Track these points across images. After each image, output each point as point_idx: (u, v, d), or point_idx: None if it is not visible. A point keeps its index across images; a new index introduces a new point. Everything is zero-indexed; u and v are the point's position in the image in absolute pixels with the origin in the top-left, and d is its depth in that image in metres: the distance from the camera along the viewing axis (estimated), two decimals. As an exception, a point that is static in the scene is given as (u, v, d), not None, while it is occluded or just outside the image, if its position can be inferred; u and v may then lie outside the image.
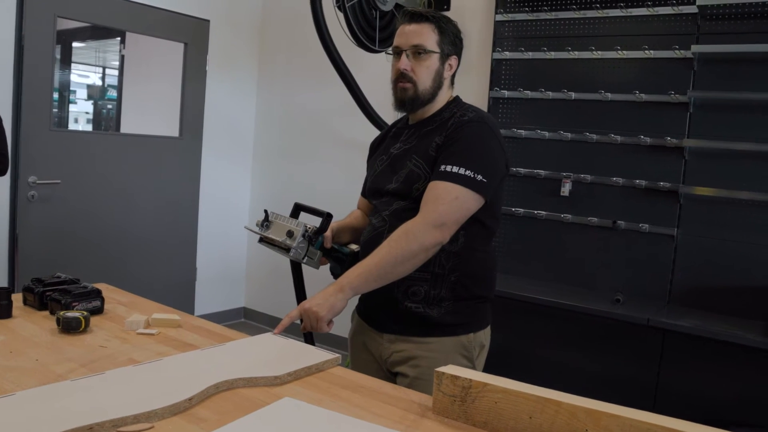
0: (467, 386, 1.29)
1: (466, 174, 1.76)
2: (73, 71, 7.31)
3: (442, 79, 1.94)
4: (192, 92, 4.97)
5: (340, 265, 2.09)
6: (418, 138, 1.94)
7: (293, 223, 2.01)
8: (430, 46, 1.89)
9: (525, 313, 3.65)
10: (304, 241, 1.98)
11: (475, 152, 1.81)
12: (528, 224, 3.88)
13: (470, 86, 4.14)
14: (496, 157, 1.85)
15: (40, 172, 4.10)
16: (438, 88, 1.95)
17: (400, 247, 1.75)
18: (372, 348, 2.02)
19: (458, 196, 1.76)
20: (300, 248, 1.97)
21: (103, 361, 1.52)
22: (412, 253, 1.75)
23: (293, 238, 1.97)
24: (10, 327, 1.75)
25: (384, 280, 1.79)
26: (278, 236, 2.01)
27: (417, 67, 1.90)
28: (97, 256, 4.46)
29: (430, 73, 1.91)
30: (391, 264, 1.75)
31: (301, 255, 2.00)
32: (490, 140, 1.86)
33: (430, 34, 1.90)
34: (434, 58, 1.91)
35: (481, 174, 1.77)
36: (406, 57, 1.91)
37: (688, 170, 3.41)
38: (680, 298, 3.43)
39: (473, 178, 1.76)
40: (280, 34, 5.35)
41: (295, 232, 1.97)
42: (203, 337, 1.78)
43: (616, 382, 3.47)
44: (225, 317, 5.43)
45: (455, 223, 1.78)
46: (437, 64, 1.92)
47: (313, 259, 2.05)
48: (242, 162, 5.51)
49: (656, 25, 3.46)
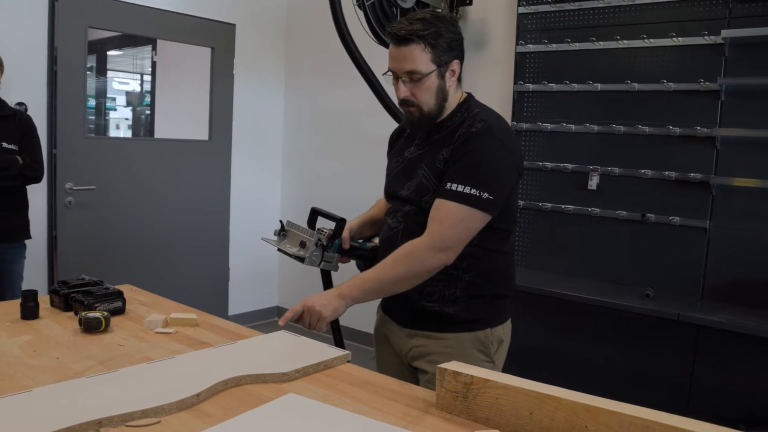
0: (469, 382, 1.29)
1: (471, 193, 1.73)
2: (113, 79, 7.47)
3: (445, 91, 1.86)
4: (220, 96, 5.03)
5: (365, 261, 2.12)
6: (429, 145, 1.91)
7: (307, 233, 2.05)
8: (424, 68, 1.80)
9: (553, 309, 3.61)
10: (317, 250, 2.02)
11: (481, 169, 1.77)
12: (556, 219, 3.84)
13: (494, 81, 4.11)
14: (503, 171, 1.82)
15: (76, 179, 4.20)
16: (444, 101, 1.87)
17: (404, 268, 1.77)
18: (393, 342, 2.05)
19: (464, 217, 1.75)
20: (314, 257, 2.03)
21: (119, 359, 1.56)
22: (416, 275, 1.78)
23: (306, 248, 2.02)
24: (36, 327, 1.81)
25: (384, 294, 1.87)
26: (292, 247, 2.07)
27: (416, 91, 1.83)
28: (132, 259, 4.55)
29: (432, 92, 1.84)
30: (392, 282, 1.79)
31: (316, 263, 2.05)
32: (497, 153, 1.81)
33: (421, 54, 1.79)
34: (432, 77, 1.82)
35: (487, 192, 1.74)
36: (403, 83, 1.84)
37: (720, 160, 3.31)
38: (714, 292, 3.34)
39: (479, 196, 1.74)
40: (305, 35, 5.39)
41: (307, 243, 2.02)
42: (219, 335, 1.81)
43: (647, 380, 3.40)
44: (258, 317, 5.49)
45: (461, 245, 1.78)
46: (437, 81, 1.83)
47: (330, 263, 2.09)
48: (272, 162, 5.56)
49: (684, 11, 3.37)
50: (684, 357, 3.32)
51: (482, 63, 4.24)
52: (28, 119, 3.52)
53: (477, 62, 4.27)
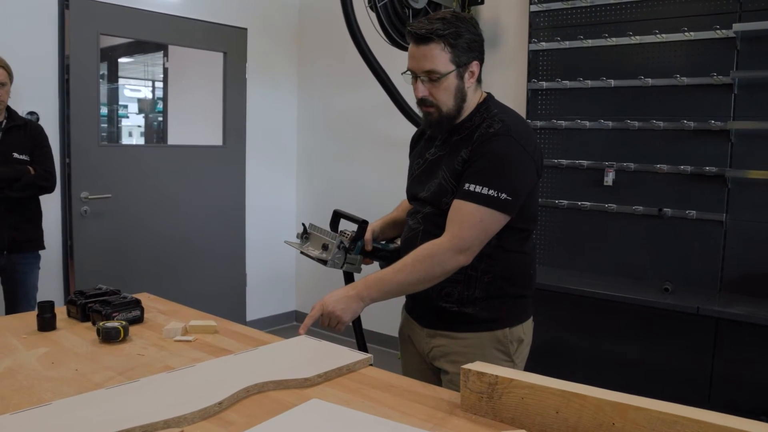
0: (494, 382, 1.28)
1: (489, 194, 1.72)
2: (124, 86, 7.51)
3: (464, 92, 1.85)
4: (233, 100, 5.04)
5: (387, 262, 2.11)
6: (449, 146, 1.91)
7: (330, 235, 2.04)
8: (443, 68, 1.79)
9: (571, 306, 3.59)
10: (340, 252, 2.02)
11: (499, 170, 1.76)
12: (572, 216, 3.82)
13: (508, 79, 4.10)
14: (522, 171, 1.80)
15: (91, 188, 4.21)
16: (463, 101, 1.86)
17: (422, 269, 1.76)
18: (415, 342, 2.05)
19: (482, 218, 1.74)
20: (336, 259, 2.02)
21: (139, 368, 1.56)
22: (435, 276, 1.78)
23: (329, 250, 2.01)
24: (54, 339, 1.81)
25: (401, 294, 1.87)
26: (315, 250, 2.06)
27: (435, 91, 1.82)
28: (150, 266, 4.56)
29: (450, 93, 1.82)
30: (412, 284, 1.80)
31: (339, 265, 2.05)
32: (516, 154, 1.79)
33: (440, 54, 1.78)
34: (451, 77, 1.80)
35: (505, 192, 1.73)
36: (422, 82, 1.83)
37: (735, 153, 3.30)
38: (732, 285, 3.32)
39: (497, 197, 1.73)
40: (317, 37, 5.39)
41: (330, 245, 2.01)
42: (239, 342, 1.81)
43: (668, 373, 3.39)
44: (277, 321, 5.50)
45: (479, 246, 1.78)
46: (456, 81, 1.82)
47: (353, 265, 2.09)
48: (286, 166, 5.57)
49: (695, 6, 3.35)
50: (704, 350, 3.31)
51: (495, 62, 4.22)
52: (39, 129, 3.53)
53: (490, 61, 4.24)
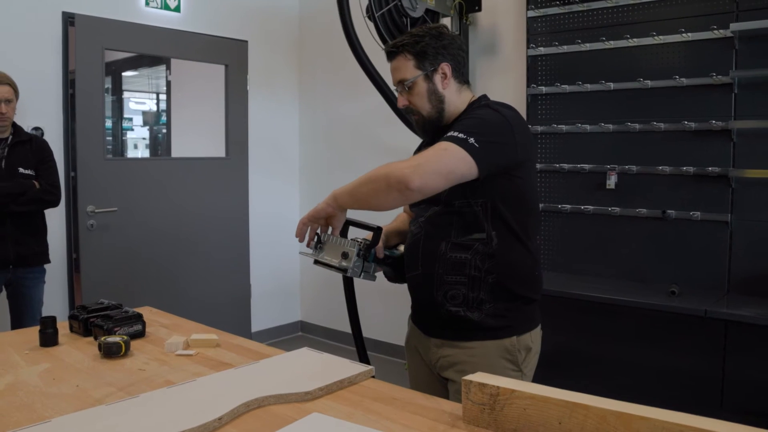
0: (495, 394, 1.27)
1: (458, 136, 1.73)
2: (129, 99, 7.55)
3: (439, 94, 1.93)
4: (235, 112, 5.05)
5: (393, 269, 2.10)
6: None
7: (346, 243, 2.00)
8: (410, 75, 1.92)
9: (577, 311, 3.58)
10: (359, 260, 1.98)
11: (473, 123, 1.80)
12: (576, 220, 3.81)
13: (507, 85, 4.11)
14: (497, 134, 1.80)
15: (97, 201, 4.23)
16: (441, 103, 1.93)
17: (379, 171, 1.75)
18: (422, 352, 2.04)
19: (446, 147, 1.72)
20: (356, 268, 1.96)
21: (140, 384, 1.55)
22: (377, 176, 1.74)
23: (349, 259, 1.97)
24: (55, 354, 1.81)
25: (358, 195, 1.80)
26: (333, 258, 2.01)
27: (411, 98, 1.94)
28: (155, 278, 4.57)
29: (424, 96, 1.93)
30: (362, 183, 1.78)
31: (358, 273, 2.00)
32: (493, 119, 1.83)
33: (405, 63, 1.92)
34: (419, 82, 1.92)
35: (473, 138, 1.72)
36: (400, 94, 1.96)
37: (737, 153, 3.29)
38: (740, 286, 3.30)
39: (465, 139, 1.72)
40: (318, 48, 5.41)
41: (350, 254, 1.97)
42: (240, 355, 1.80)
43: (678, 378, 3.36)
44: (282, 332, 5.50)
45: (434, 172, 1.70)
46: (426, 85, 1.92)
47: (369, 273, 2.05)
48: (289, 177, 5.58)
49: (692, 7, 3.36)
50: (714, 353, 3.28)
51: (494, 68, 4.23)
52: (44, 144, 3.57)
53: (489, 67, 4.27)
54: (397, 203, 1.76)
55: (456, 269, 1.87)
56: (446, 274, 1.88)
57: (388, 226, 2.22)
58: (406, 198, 1.74)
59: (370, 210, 1.80)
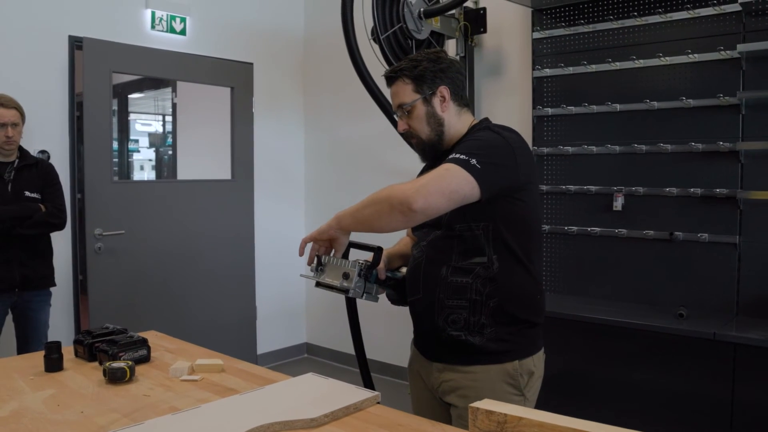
0: (503, 421, 1.25)
1: (460, 157, 1.73)
2: (135, 121, 7.60)
3: (438, 117, 1.94)
4: (241, 134, 5.07)
5: (395, 291, 2.10)
6: None
7: (347, 264, 2.00)
8: (409, 99, 1.93)
9: (584, 334, 3.54)
10: (360, 281, 1.97)
11: (475, 145, 1.80)
12: (582, 242, 3.79)
13: (513, 106, 4.11)
14: (499, 156, 1.80)
15: (105, 224, 4.23)
16: (440, 126, 1.94)
17: (381, 193, 1.74)
18: (424, 377, 2.03)
19: (448, 168, 1.71)
20: (358, 288, 1.96)
21: (145, 410, 1.54)
22: (380, 198, 1.73)
23: (350, 279, 1.97)
24: (60, 380, 1.80)
25: (361, 217, 1.80)
26: (335, 280, 2.01)
27: (411, 122, 1.95)
28: (161, 300, 4.56)
29: (422, 120, 1.94)
30: (365, 205, 1.78)
31: (359, 293, 2.00)
32: (495, 142, 1.83)
33: (404, 87, 1.94)
34: (418, 105, 1.93)
35: (475, 159, 1.72)
36: (400, 118, 1.98)
37: (745, 174, 3.27)
38: (749, 308, 3.27)
39: (467, 160, 1.72)
40: (323, 70, 5.43)
41: (351, 274, 1.97)
42: (246, 380, 1.79)
43: (687, 402, 3.31)
44: (288, 354, 5.48)
45: (437, 193, 1.68)
46: (424, 108, 1.93)
47: (371, 294, 2.05)
48: (294, 198, 5.58)
49: (698, 28, 3.36)
50: (723, 377, 3.23)
51: (500, 89, 4.24)
52: (49, 167, 3.59)
53: (494, 89, 4.27)
54: (400, 225, 1.75)
55: (457, 293, 1.86)
56: (447, 298, 1.87)
57: (391, 249, 2.21)
58: (409, 219, 1.73)
59: (372, 232, 1.79)
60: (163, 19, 4.60)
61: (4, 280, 3.33)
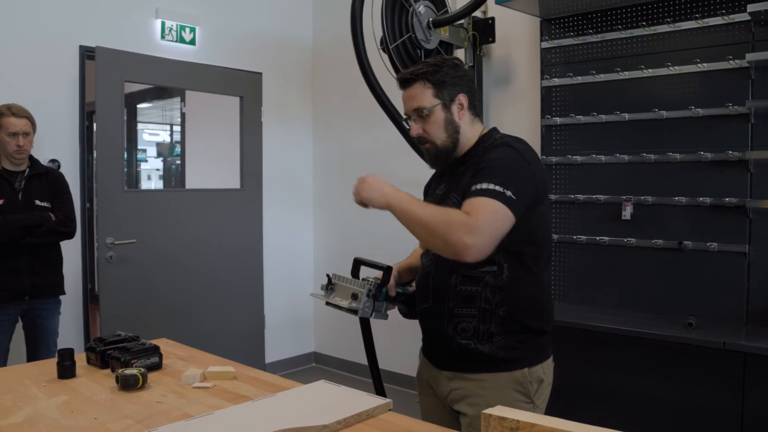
0: (515, 428, 1.25)
1: (497, 189, 1.71)
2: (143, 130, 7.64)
3: (455, 124, 1.93)
4: (250, 143, 5.09)
5: (406, 306, 2.10)
6: (456, 178, 1.94)
7: (356, 284, 2.01)
8: (428, 103, 1.91)
9: (593, 343, 3.52)
10: (369, 300, 1.99)
11: (502, 170, 1.77)
12: (591, 251, 3.78)
13: (521, 116, 4.12)
14: (521, 176, 1.81)
15: (116, 233, 4.24)
16: (456, 133, 1.93)
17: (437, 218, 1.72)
18: (433, 385, 2.03)
19: (496, 209, 1.70)
20: (366, 308, 1.98)
21: (157, 417, 1.55)
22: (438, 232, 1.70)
23: (358, 299, 1.98)
24: (73, 386, 1.81)
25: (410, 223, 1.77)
26: (343, 300, 2.03)
27: (426, 127, 1.93)
28: (171, 309, 4.57)
29: (440, 126, 1.92)
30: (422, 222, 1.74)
31: (368, 313, 2.01)
32: (515, 160, 1.83)
33: (424, 91, 1.91)
34: (437, 111, 1.91)
35: (510, 191, 1.72)
36: (414, 122, 1.95)
37: (755, 183, 3.26)
38: (759, 318, 3.25)
39: (503, 193, 1.71)
40: (331, 79, 5.45)
41: (359, 294, 1.98)
42: (257, 388, 1.79)
43: (696, 412, 3.29)
44: (296, 363, 5.48)
45: (488, 235, 1.69)
46: (443, 114, 1.92)
47: (380, 312, 2.06)
48: (303, 208, 5.59)
49: (707, 37, 3.36)
50: (733, 387, 3.21)
51: (508, 99, 4.25)
52: (59, 176, 3.61)
53: (503, 98, 4.29)
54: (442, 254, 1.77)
55: (466, 302, 1.86)
56: (456, 306, 1.87)
57: (401, 263, 2.21)
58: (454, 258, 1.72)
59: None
60: (173, 29, 4.63)
61: (15, 288, 3.35)
